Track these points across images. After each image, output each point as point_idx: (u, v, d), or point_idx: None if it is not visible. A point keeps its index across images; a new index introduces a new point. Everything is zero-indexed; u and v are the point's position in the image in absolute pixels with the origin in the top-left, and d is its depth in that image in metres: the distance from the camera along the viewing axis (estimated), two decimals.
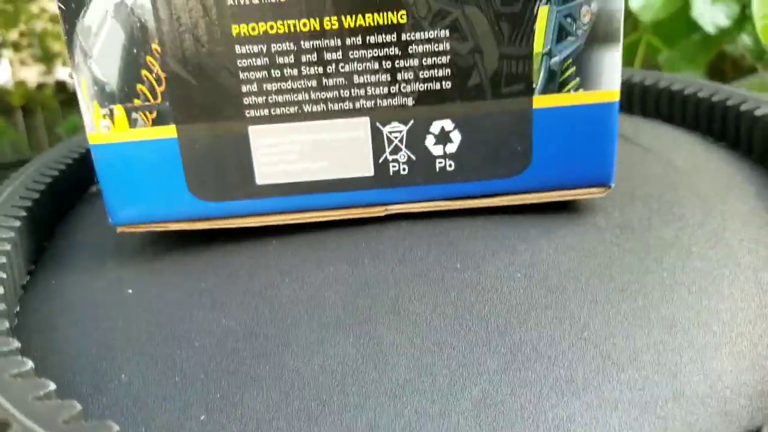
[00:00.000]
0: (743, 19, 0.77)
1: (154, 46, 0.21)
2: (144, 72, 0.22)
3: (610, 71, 0.22)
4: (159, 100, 0.22)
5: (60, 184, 0.28)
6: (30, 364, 0.15)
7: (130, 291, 0.21)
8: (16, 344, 0.15)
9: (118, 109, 0.22)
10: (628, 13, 0.77)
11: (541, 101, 0.22)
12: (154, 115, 0.22)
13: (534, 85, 0.22)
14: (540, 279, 0.20)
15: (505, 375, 0.16)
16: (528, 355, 0.17)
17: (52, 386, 0.14)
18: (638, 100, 0.35)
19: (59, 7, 0.21)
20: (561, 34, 0.21)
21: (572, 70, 0.22)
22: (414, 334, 0.18)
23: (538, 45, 0.21)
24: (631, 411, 0.15)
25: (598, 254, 0.21)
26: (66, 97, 2.53)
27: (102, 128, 0.22)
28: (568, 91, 0.22)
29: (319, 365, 0.17)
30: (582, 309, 0.18)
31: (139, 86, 0.22)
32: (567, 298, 0.19)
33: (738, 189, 0.25)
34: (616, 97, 0.22)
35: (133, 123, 0.22)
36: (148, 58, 0.21)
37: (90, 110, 0.22)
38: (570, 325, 0.18)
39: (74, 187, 0.30)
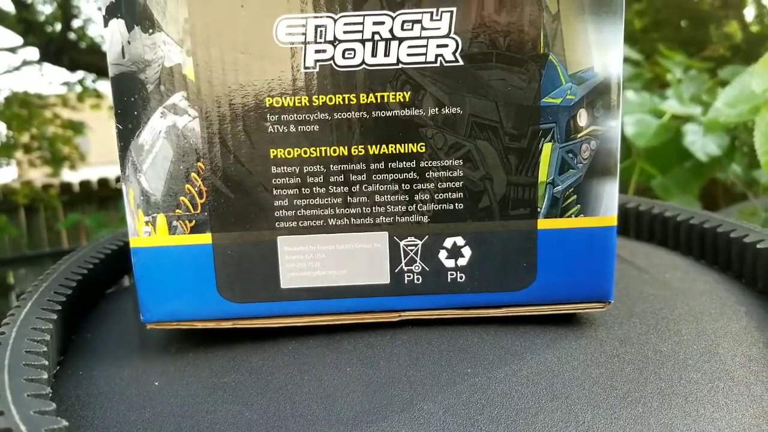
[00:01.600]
0: (733, 149, 0.82)
1: (200, 164, 0.24)
2: (188, 186, 0.24)
3: (609, 200, 0.24)
4: (199, 210, 0.24)
5: (87, 282, 0.30)
6: None
7: (157, 383, 0.23)
8: (64, 423, 0.17)
9: (161, 218, 0.24)
10: (623, 139, 0.82)
11: (545, 224, 0.24)
12: (193, 223, 0.24)
13: (539, 210, 0.24)
14: (546, 385, 0.21)
15: None
16: None
17: None
18: (633, 224, 0.38)
19: (117, 127, 0.24)
20: (563, 166, 0.24)
21: (573, 197, 0.24)
22: None
23: (543, 175, 0.24)
24: None
25: (600, 364, 0.22)
26: (69, 198, 2.61)
27: (143, 233, 0.25)
28: (570, 216, 0.24)
29: None
30: (586, 414, 0.19)
31: (182, 198, 0.24)
32: (572, 404, 0.20)
33: (730, 309, 0.27)
34: (613, 222, 0.24)
35: (172, 230, 0.24)
36: (193, 174, 0.24)
37: (135, 217, 0.24)
38: (575, 428, 0.19)
39: (98, 285, 0.32)
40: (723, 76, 0.95)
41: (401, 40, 0.23)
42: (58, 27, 2.36)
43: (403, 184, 0.24)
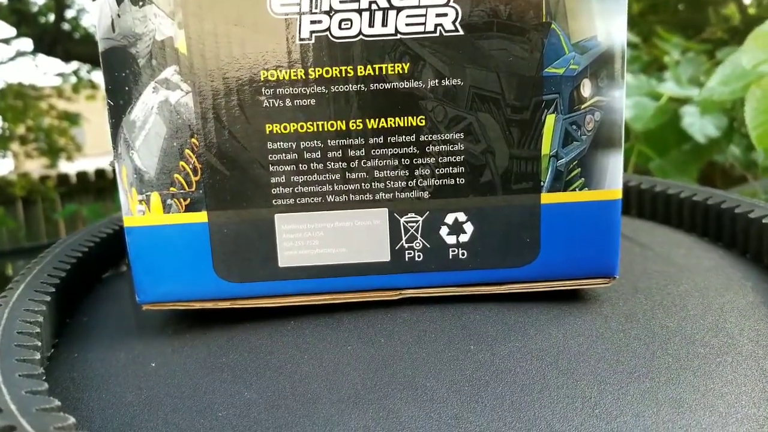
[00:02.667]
0: (731, 130, 0.81)
1: (193, 140, 0.23)
2: (182, 163, 0.24)
3: (613, 172, 0.24)
4: (194, 188, 0.24)
5: (82, 266, 0.29)
6: (72, 419, 0.15)
7: (153, 365, 0.22)
8: (57, 402, 0.16)
9: (155, 196, 0.24)
10: None
11: (548, 198, 0.24)
12: (188, 201, 0.24)
13: (542, 183, 0.24)
14: (551, 361, 0.20)
15: None
16: (543, 430, 0.17)
17: None
18: (635, 203, 0.37)
19: (108, 103, 0.23)
20: (567, 138, 0.23)
21: (577, 171, 0.24)
22: (431, 409, 0.18)
23: (546, 148, 0.23)
24: None
25: (606, 340, 0.22)
26: (66, 189, 2.60)
27: (137, 212, 0.24)
28: (574, 189, 0.24)
29: None
30: (592, 389, 0.19)
31: (176, 175, 0.24)
32: (577, 379, 0.19)
33: (736, 285, 0.26)
34: (618, 196, 0.24)
35: (167, 208, 0.24)
36: (187, 151, 0.23)
37: (128, 196, 0.24)
38: (581, 404, 0.18)
39: (94, 268, 0.31)
40: (721, 58, 0.94)
41: (399, 9, 0.22)
42: (52, 18, 2.34)
43: (402, 159, 0.24)
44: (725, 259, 0.30)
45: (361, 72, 0.23)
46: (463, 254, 0.24)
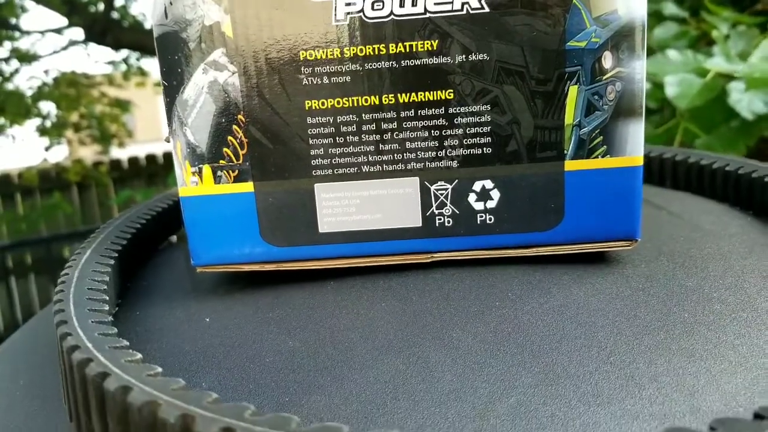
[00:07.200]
0: None
1: (240, 116, 0.25)
2: (230, 138, 0.26)
3: (634, 140, 0.25)
4: (241, 161, 0.26)
5: (141, 236, 0.32)
6: (139, 354, 0.18)
7: (208, 320, 0.24)
8: (125, 342, 0.19)
9: (206, 168, 0.26)
10: (667, 100, 0.80)
11: (571, 165, 0.25)
12: (236, 173, 0.26)
13: (565, 152, 0.25)
14: (571, 316, 0.22)
15: (538, 389, 0.18)
16: (559, 373, 0.19)
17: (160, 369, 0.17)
18: (670, 174, 0.38)
19: (163, 84, 0.26)
20: (589, 108, 0.25)
21: (600, 139, 0.25)
22: (457, 356, 0.20)
23: (569, 118, 0.25)
24: (650, 422, 0.17)
25: (625, 298, 0.23)
26: (119, 174, 2.68)
27: (191, 183, 0.26)
28: (596, 157, 0.25)
29: (374, 377, 0.19)
30: (608, 340, 0.20)
31: (225, 149, 0.26)
32: (595, 331, 0.21)
33: (760, 249, 0.27)
34: (639, 162, 0.25)
35: (217, 180, 0.26)
36: (234, 127, 0.26)
37: (182, 168, 0.26)
38: (597, 352, 0.20)
39: (151, 239, 0.34)
40: None
41: None
42: (101, 7, 2.42)
43: (432, 131, 0.25)
44: (753, 225, 0.30)
45: (392, 50, 0.24)
46: (490, 219, 0.26)
